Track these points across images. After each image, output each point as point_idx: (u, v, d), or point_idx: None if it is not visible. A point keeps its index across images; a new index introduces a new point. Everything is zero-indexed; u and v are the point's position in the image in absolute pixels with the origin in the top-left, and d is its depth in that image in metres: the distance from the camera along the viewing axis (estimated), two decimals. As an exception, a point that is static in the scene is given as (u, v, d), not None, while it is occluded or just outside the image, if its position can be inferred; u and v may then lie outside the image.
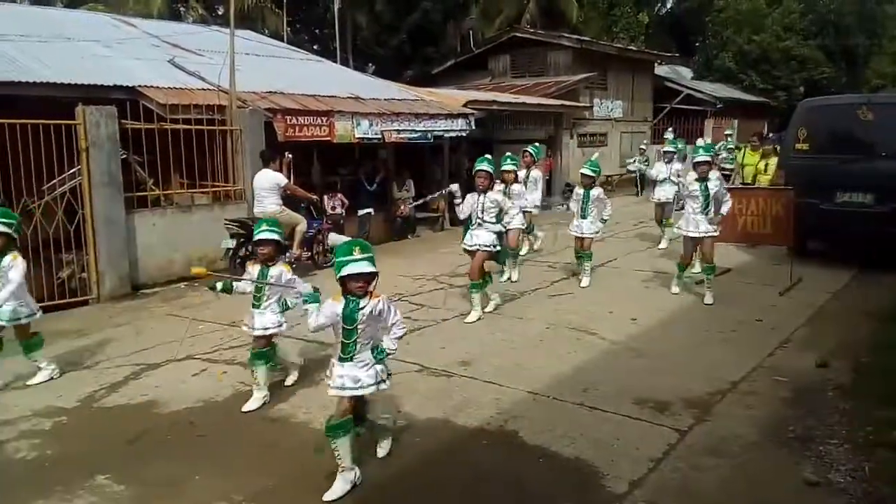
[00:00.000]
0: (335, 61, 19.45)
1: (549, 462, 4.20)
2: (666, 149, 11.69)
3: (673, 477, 3.99)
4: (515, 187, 8.82)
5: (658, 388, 5.26)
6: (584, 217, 8.62)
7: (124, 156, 8.80)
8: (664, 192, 10.92)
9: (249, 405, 5.06)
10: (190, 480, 4.06)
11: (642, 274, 9.22)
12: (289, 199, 9.35)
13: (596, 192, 8.63)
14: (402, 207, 13.11)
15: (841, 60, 31.30)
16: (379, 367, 3.89)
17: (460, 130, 13.35)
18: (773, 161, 11.28)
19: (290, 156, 9.55)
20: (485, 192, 7.22)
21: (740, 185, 12.10)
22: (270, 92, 11.11)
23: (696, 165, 7.77)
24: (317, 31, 30.75)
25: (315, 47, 27.02)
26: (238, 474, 4.13)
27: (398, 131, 12.03)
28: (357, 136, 11.32)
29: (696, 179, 7.79)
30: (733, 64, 30.80)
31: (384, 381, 3.92)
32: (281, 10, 23.55)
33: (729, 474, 4.03)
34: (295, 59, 15.64)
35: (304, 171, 11.63)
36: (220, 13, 24.31)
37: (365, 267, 3.64)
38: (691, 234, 7.77)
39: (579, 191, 8.72)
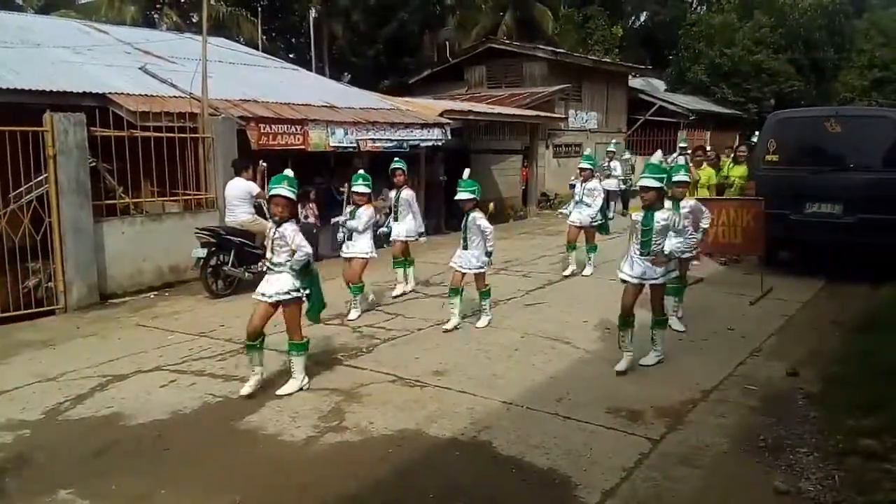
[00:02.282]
0: (311, 70, 19.40)
1: (522, 473, 4.17)
2: (582, 165, 10.05)
3: (645, 486, 3.99)
4: (363, 211, 7.71)
5: (631, 397, 5.27)
6: (466, 248, 7.19)
7: (93, 163, 8.65)
8: (580, 215, 9.76)
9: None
10: (156, 495, 3.97)
11: (616, 284, 9.22)
12: (261, 208, 9.26)
13: (474, 216, 7.06)
14: (379, 216, 13.04)
15: (810, 73, 31.86)
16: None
17: (436, 140, 13.37)
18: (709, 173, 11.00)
19: (265, 164, 9.46)
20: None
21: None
22: (244, 100, 11.03)
23: (643, 190, 5.69)
24: (292, 39, 30.66)
25: (291, 56, 26.93)
26: (204, 488, 4.04)
27: (374, 140, 12.00)
28: (332, 144, 11.28)
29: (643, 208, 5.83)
30: (705, 77, 31.23)
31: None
32: (256, 18, 23.45)
33: (701, 483, 4.04)
34: (269, 68, 15.55)
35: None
36: (194, 20, 24.13)
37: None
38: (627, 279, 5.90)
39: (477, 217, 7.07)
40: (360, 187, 7.65)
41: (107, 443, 4.64)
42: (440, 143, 13.56)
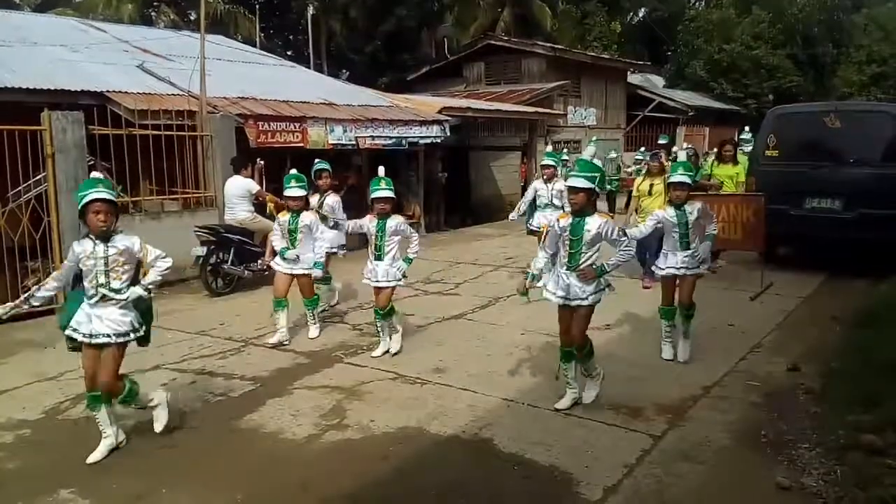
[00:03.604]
0: (309, 67, 19.37)
1: (523, 470, 4.17)
2: (545, 161, 9.11)
3: (647, 482, 3.98)
4: (304, 217, 6.69)
5: (632, 394, 5.26)
6: (380, 258, 6.15)
7: (92, 162, 8.63)
8: (546, 220, 8.12)
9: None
10: (156, 494, 3.96)
11: (615, 281, 9.23)
12: (260, 206, 9.25)
13: (394, 222, 6.12)
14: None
15: (809, 69, 31.87)
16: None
17: (435, 137, 13.35)
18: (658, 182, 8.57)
19: (262, 162, 9.45)
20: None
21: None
22: (242, 97, 11.01)
23: (571, 192, 4.79)
24: (290, 37, 30.61)
25: (289, 53, 26.92)
26: (205, 487, 4.03)
27: (372, 138, 11.99)
28: (331, 142, 11.26)
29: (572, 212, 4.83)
30: (704, 72, 31.22)
31: None
32: (254, 15, 23.41)
33: (702, 479, 4.04)
34: (267, 65, 15.52)
35: (276, 177, 11.51)
36: (191, 18, 24.13)
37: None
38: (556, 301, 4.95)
39: (371, 226, 6.22)
40: (294, 190, 6.56)
41: (107, 442, 4.63)
42: (439, 140, 13.55)
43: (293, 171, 6.82)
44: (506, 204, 17.99)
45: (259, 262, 8.83)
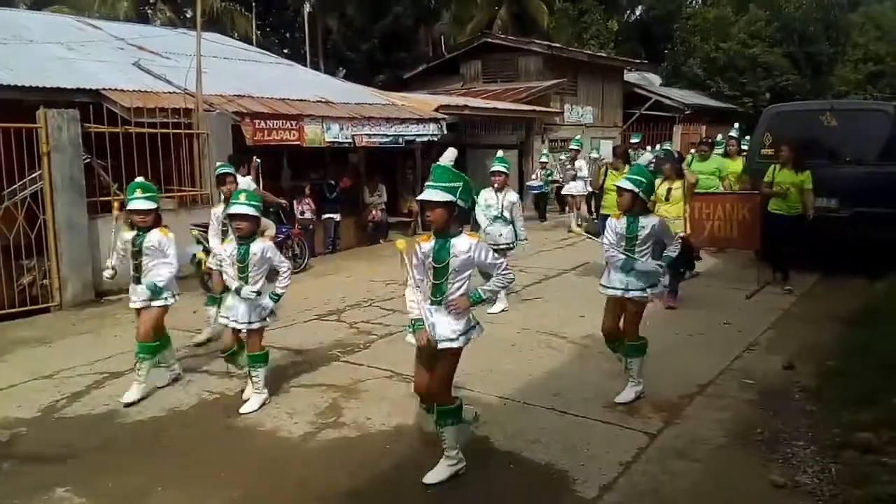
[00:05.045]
0: (305, 65, 19.34)
1: (519, 468, 4.17)
2: (495, 168, 7.86)
3: (643, 480, 3.99)
4: (155, 237, 5.25)
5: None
6: (240, 292, 4.99)
7: (88, 160, 8.62)
8: (498, 233, 7.67)
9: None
10: (153, 492, 3.96)
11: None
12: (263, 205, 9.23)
13: (259, 247, 4.97)
14: (374, 213, 13.05)
15: (806, 67, 31.86)
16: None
17: (432, 135, 13.34)
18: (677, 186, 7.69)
19: (258, 160, 9.43)
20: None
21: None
22: (238, 95, 10.99)
23: (428, 206, 3.87)
24: (287, 34, 30.56)
25: (285, 51, 26.85)
26: (201, 485, 4.03)
27: (369, 136, 11.98)
28: (327, 140, 11.25)
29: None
30: (701, 71, 31.22)
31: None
32: (250, 13, 23.36)
33: (698, 477, 4.05)
34: (264, 63, 15.49)
35: (273, 175, 11.51)
36: (188, 16, 24.05)
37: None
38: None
39: (229, 252, 5.06)
40: (139, 202, 5.12)
41: (103, 440, 4.63)
42: (436, 139, 13.54)
43: (139, 179, 5.37)
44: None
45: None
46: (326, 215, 12.17)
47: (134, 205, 5.15)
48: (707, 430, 4.62)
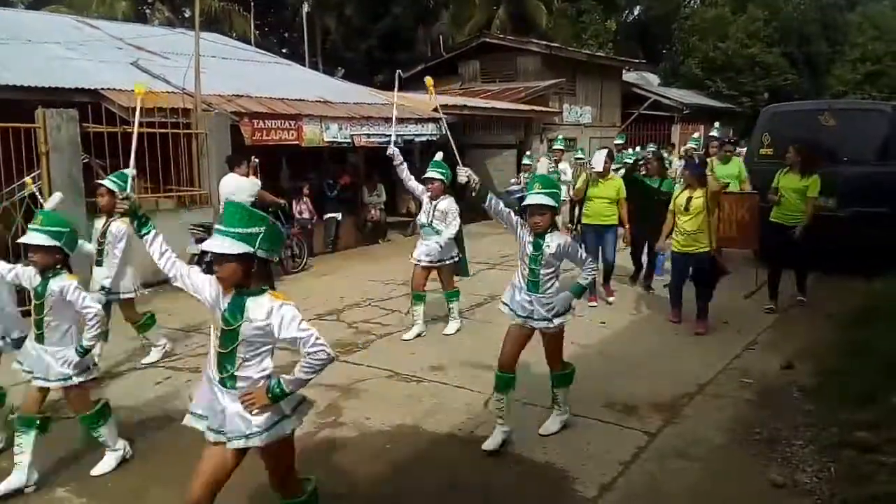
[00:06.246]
0: (304, 65, 19.33)
1: (520, 467, 4.18)
2: (430, 174, 6.82)
3: (642, 480, 4.00)
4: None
5: (627, 391, 5.28)
6: (40, 339, 4.24)
7: (86, 160, 8.60)
8: (428, 248, 6.80)
9: None
10: (150, 492, 3.97)
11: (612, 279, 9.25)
12: (262, 206, 9.23)
13: (59, 285, 4.11)
14: (373, 212, 13.04)
15: (804, 67, 31.93)
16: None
17: (431, 135, 13.34)
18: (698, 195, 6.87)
19: (257, 160, 9.42)
20: None
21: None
22: (237, 95, 10.98)
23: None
24: (285, 34, 30.56)
25: (284, 51, 26.85)
26: (202, 485, 4.02)
27: (368, 135, 11.97)
28: (326, 139, 11.24)
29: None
30: (699, 71, 31.26)
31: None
32: (249, 13, 23.34)
33: (697, 476, 4.05)
34: (262, 63, 15.49)
35: (272, 175, 11.50)
36: (186, 15, 24.03)
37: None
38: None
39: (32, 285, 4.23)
40: (36, 236, 3.97)
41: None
42: (435, 138, 13.54)
43: (49, 205, 4.82)
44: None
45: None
46: (329, 215, 12.16)
47: (29, 238, 3.84)
48: (706, 430, 4.63)
